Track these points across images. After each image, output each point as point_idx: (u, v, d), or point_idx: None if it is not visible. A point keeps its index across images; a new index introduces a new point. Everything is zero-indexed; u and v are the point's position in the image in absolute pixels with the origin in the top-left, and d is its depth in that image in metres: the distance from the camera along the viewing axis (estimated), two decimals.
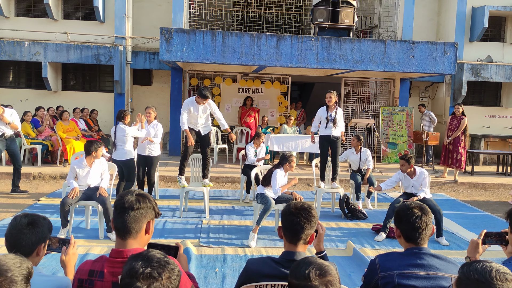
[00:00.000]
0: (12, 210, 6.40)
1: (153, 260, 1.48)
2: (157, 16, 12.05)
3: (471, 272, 1.50)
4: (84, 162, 5.42)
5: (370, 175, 7.32)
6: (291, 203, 2.23)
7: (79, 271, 1.88)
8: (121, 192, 2.02)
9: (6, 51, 10.99)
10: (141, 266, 1.46)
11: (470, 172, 10.53)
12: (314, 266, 1.59)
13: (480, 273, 1.49)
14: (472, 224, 6.69)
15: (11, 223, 2.01)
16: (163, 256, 1.52)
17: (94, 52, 11.22)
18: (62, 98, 11.85)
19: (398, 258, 2.20)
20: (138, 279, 1.43)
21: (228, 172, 9.60)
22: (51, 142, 9.76)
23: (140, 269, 1.45)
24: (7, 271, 1.36)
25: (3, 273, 1.35)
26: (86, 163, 5.42)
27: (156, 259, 1.49)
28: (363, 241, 5.65)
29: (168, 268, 1.49)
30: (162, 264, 1.49)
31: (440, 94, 13.10)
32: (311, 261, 1.64)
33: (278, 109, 12.42)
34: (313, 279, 1.56)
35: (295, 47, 9.56)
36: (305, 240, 2.14)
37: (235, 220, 6.39)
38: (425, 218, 2.21)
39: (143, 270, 1.45)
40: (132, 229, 1.87)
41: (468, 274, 1.51)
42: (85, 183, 5.42)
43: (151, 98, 12.59)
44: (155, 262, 1.48)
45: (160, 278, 1.45)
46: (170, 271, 1.48)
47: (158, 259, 1.49)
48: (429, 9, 13.03)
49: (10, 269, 1.37)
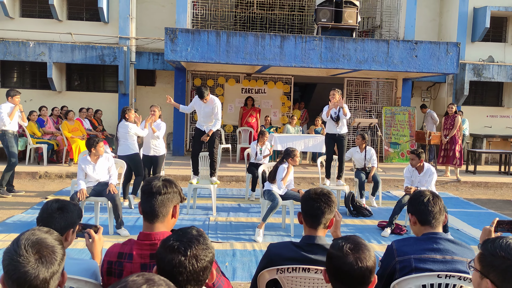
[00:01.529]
0: (21, 208, 6.46)
1: (185, 236, 1.51)
2: (160, 17, 12.13)
3: (496, 249, 1.52)
4: (88, 158, 5.50)
5: (375, 173, 7.38)
6: (310, 189, 2.29)
7: (108, 254, 1.94)
8: (147, 178, 2.08)
9: (11, 51, 11.06)
10: (173, 239, 1.50)
11: (473, 171, 10.60)
12: (350, 241, 1.66)
13: (506, 250, 1.50)
14: (476, 221, 6.75)
15: (42, 207, 2.07)
16: (198, 235, 1.52)
17: (98, 52, 11.29)
18: (67, 98, 11.91)
19: (415, 243, 2.26)
20: (166, 250, 1.48)
21: (232, 171, 9.66)
22: (56, 141, 9.82)
23: (170, 241, 1.50)
24: (47, 241, 1.42)
25: (46, 245, 1.40)
26: (90, 160, 5.50)
27: (188, 235, 1.51)
28: (369, 237, 5.71)
29: (197, 246, 1.48)
30: (192, 241, 1.49)
31: (442, 94, 13.18)
32: (350, 237, 1.71)
33: (281, 109, 12.48)
34: (346, 252, 1.62)
35: (299, 47, 9.63)
36: (325, 224, 2.20)
37: (241, 217, 6.44)
38: (436, 200, 2.30)
39: (172, 242, 1.49)
40: (160, 213, 1.93)
41: (493, 250, 1.52)
42: (94, 179, 5.51)
43: (154, 98, 12.63)
44: (186, 238, 1.50)
45: (186, 254, 1.45)
46: (199, 250, 1.48)
47: (191, 237, 1.51)
48: (431, 9, 13.12)
49: (50, 240, 1.42)
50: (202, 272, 1.47)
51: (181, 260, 1.44)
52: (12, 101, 7.13)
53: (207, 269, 1.48)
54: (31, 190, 7.67)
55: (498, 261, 1.51)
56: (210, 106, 6.53)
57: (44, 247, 1.39)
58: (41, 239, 1.41)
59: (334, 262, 1.64)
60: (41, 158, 9.52)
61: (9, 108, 7.12)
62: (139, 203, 1.99)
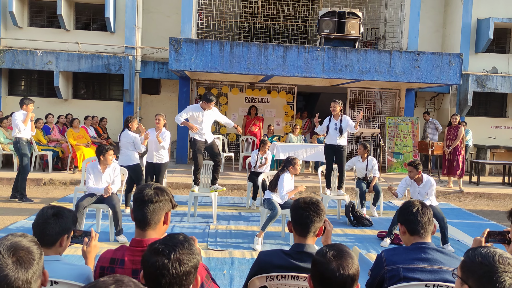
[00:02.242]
0: (24, 214, 6.54)
1: (171, 240, 1.57)
2: (166, 27, 12.29)
3: (475, 255, 1.58)
4: (98, 167, 5.57)
5: (376, 183, 7.39)
6: (299, 198, 2.34)
7: (101, 259, 1.99)
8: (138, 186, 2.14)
9: (19, 60, 11.25)
10: (159, 242, 1.57)
11: (476, 182, 10.56)
12: (334, 248, 1.72)
13: (484, 257, 1.56)
14: (478, 232, 6.63)
15: (38, 213, 2.14)
16: (183, 240, 1.58)
17: (104, 61, 11.46)
18: (72, 106, 12.07)
19: (404, 253, 2.29)
20: (151, 253, 1.54)
21: (234, 179, 9.71)
22: (61, 149, 9.94)
23: (156, 244, 1.56)
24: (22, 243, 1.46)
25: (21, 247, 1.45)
26: (100, 168, 5.57)
27: (174, 240, 1.57)
28: (368, 247, 5.71)
29: (181, 251, 1.53)
30: (177, 245, 1.54)
31: (446, 104, 13.19)
32: (335, 245, 1.76)
33: (284, 118, 12.55)
34: (329, 258, 1.67)
35: (302, 57, 9.72)
36: (314, 232, 2.25)
37: (241, 226, 6.48)
38: (425, 210, 2.35)
39: (158, 245, 1.55)
40: (152, 220, 1.98)
41: (472, 257, 1.58)
42: (100, 186, 5.55)
43: (159, 107, 12.76)
44: (172, 242, 1.56)
45: (169, 257, 1.50)
46: (183, 254, 1.52)
47: (176, 241, 1.56)
48: (434, 20, 13.19)
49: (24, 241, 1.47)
50: (185, 277, 1.51)
51: (164, 263, 1.49)
52: (27, 109, 7.25)
53: (191, 274, 1.53)
54: (35, 197, 7.76)
55: (476, 267, 1.56)
56: (211, 113, 6.60)
57: (20, 249, 1.44)
58: (15, 242, 1.45)
59: (317, 268, 1.68)
60: (46, 165, 9.64)
61: (23, 115, 7.25)
62: (131, 211, 2.04)
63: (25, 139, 7.32)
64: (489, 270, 1.52)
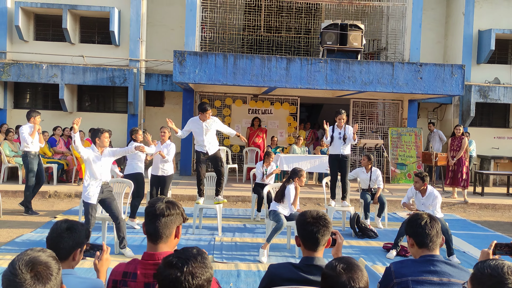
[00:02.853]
0: (30, 227, 6.56)
1: (184, 254, 1.60)
2: (170, 40, 12.42)
3: (484, 267, 1.62)
4: (95, 147, 5.36)
5: (381, 195, 7.39)
6: (305, 213, 2.34)
7: (113, 273, 2.01)
8: (150, 200, 2.16)
9: (25, 73, 11.37)
10: (173, 255, 1.60)
11: (480, 193, 10.54)
12: (343, 261, 1.74)
13: (493, 269, 1.60)
14: (483, 244, 6.68)
15: (52, 227, 2.16)
16: (197, 254, 1.60)
17: (109, 74, 11.57)
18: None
19: (413, 265, 2.30)
20: (164, 266, 1.57)
21: (238, 191, 9.72)
22: (66, 161, 9.99)
23: (170, 257, 1.59)
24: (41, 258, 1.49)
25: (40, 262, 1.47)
26: (98, 150, 5.35)
27: (188, 253, 1.60)
28: (374, 259, 5.70)
29: (194, 264, 1.56)
30: (190, 259, 1.57)
31: (449, 115, 13.22)
32: (345, 258, 1.78)
33: (287, 129, 12.59)
34: (339, 271, 1.69)
35: (305, 69, 9.80)
36: (323, 245, 2.26)
37: (247, 238, 6.47)
38: (434, 223, 2.35)
39: (171, 259, 1.58)
40: (164, 234, 2.01)
41: (482, 269, 1.63)
42: (98, 176, 5.31)
43: (163, 119, 12.74)
44: (185, 255, 1.59)
45: (182, 270, 1.53)
46: (196, 268, 1.55)
47: (190, 254, 1.59)
48: (436, 32, 13.29)
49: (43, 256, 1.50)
50: None
51: (177, 276, 1.52)
52: (34, 121, 7.30)
53: (203, 287, 1.55)
54: (40, 209, 7.79)
55: (485, 279, 1.60)
56: (211, 123, 6.54)
57: (38, 264, 1.47)
58: (34, 257, 1.48)
59: (328, 281, 1.70)
60: (51, 178, 9.68)
61: (29, 128, 7.29)
62: (143, 224, 2.07)
63: (33, 152, 7.37)
64: (498, 281, 1.55)
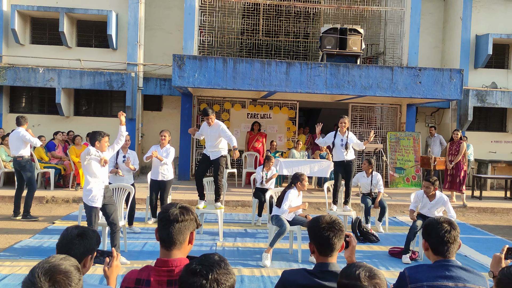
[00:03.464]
0: (29, 233, 6.47)
1: (207, 260, 1.61)
2: (168, 44, 12.39)
3: (510, 272, 1.63)
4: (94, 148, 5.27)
5: (381, 199, 7.38)
6: (318, 218, 2.28)
7: (126, 280, 1.96)
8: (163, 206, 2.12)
9: (21, 77, 11.28)
10: (196, 263, 1.59)
11: (479, 197, 10.56)
12: (364, 268, 1.70)
13: None
14: (484, 247, 6.70)
15: (62, 233, 2.11)
16: (220, 260, 1.61)
17: (106, 78, 11.50)
18: (74, 123, 12.05)
19: (427, 270, 2.27)
20: (188, 273, 1.57)
21: (238, 195, 9.67)
22: (63, 166, 9.90)
23: (193, 265, 1.58)
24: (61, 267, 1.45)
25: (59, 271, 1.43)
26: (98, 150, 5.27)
27: (211, 260, 1.61)
28: (377, 263, 5.67)
29: (218, 271, 1.57)
30: (214, 266, 1.58)
31: (446, 119, 13.26)
32: (361, 264, 1.74)
33: (286, 134, 12.57)
34: (363, 279, 1.65)
35: (304, 73, 9.79)
36: (337, 250, 2.23)
37: (248, 243, 6.42)
38: (453, 232, 2.31)
39: (195, 266, 1.58)
40: (177, 240, 1.96)
41: (508, 274, 1.63)
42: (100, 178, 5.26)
43: (160, 123, 12.77)
44: (208, 263, 1.59)
45: (207, 278, 1.54)
46: (220, 274, 1.56)
47: (213, 261, 1.61)
48: (433, 36, 13.35)
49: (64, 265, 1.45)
50: None
51: (202, 283, 1.52)
52: (25, 126, 7.31)
53: None
54: (38, 215, 7.69)
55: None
56: (215, 128, 6.54)
57: (57, 274, 1.42)
58: (54, 266, 1.44)
59: None
60: (48, 183, 9.58)
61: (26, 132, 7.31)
62: (156, 230, 2.02)
63: (27, 157, 7.34)
64: None
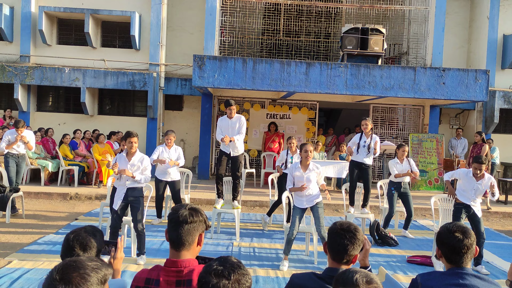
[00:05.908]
0: (52, 229, 6.65)
1: (227, 262, 1.69)
2: (189, 44, 12.51)
3: None
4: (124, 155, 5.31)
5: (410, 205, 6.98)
6: (338, 222, 2.27)
7: (136, 279, 2.00)
8: (173, 207, 2.15)
9: (48, 77, 11.59)
10: (216, 264, 1.67)
11: (504, 201, 10.27)
12: (361, 273, 1.67)
13: None
14: (508, 253, 6.51)
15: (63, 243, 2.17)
16: (238, 262, 1.71)
17: (129, 78, 11.70)
18: (98, 122, 12.31)
19: (440, 278, 2.23)
20: (211, 275, 1.64)
21: (256, 195, 9.68)
22: (87, 164, 10.12)
23: (214, 266, 1.66)
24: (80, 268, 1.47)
25: (77, 269, 1.46)
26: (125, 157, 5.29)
27: (230, 261, 1.69)
28: (395, 268, 5.58)
29: (239, 272, 1.66)
30: (235, 267, 1.67)
31: (471, 121, 12.94)
32: (357, 269, 1.72)
33: (306, 134, 12.51)
34: (361, 285, 1.62)
35: (324, 73, 9.72)
36: (348, 260, 2.19)
37: (265, 243, 6.42)
38: (466, 241, 2.22)
39: (216, 267, 1.65)
40: (186, 241, 1.98)
41: None
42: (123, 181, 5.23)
43: (181, 122, 12.92)
44: (229, 264, 1.68)
45: (230, 278, 1.63)
46: (241, 275, 1.66)
47: (232, 263, 1.69)
48: (459, 36, 13.05)
49: (85, 267, 1.47)
50: None
51: (225, 284, 1.60)
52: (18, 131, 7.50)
53: None
54: (62, 211, 7.90)
55: None
56: (236, 121, 6.49)
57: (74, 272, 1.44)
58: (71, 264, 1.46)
59: None
60: (72, 180, 9.82)
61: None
62: (166, 230, 2.05)
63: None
64: None
